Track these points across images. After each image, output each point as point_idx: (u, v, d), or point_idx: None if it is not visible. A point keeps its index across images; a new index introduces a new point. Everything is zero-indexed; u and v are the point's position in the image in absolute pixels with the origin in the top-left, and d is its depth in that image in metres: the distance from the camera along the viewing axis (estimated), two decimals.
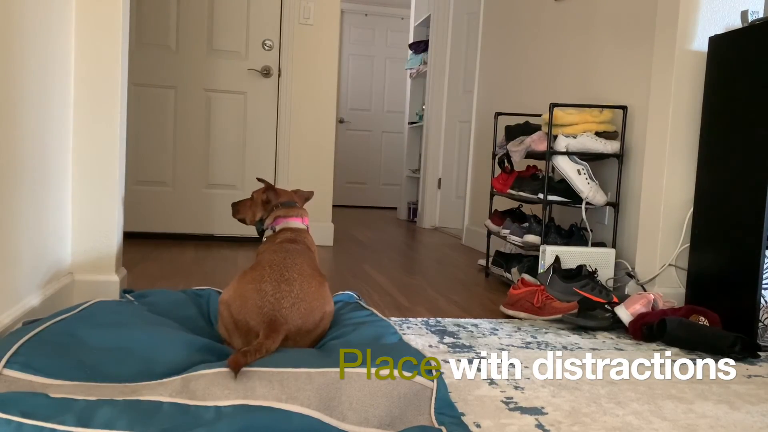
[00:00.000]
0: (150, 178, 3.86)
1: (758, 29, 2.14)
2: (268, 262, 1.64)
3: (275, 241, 1.85)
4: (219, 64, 3.91)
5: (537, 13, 3.64)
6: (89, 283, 2.12)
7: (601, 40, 2.98)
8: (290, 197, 2.08)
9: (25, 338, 1.31)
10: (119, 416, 1.11)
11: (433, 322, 2.19)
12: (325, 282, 1.69)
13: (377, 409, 1.23)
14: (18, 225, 1.65)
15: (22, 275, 1.70)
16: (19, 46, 1.60)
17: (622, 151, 2.68)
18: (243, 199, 2.17)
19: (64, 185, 2.04)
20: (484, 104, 4.36)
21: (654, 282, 2.46)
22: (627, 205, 2.73)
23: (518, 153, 2.79)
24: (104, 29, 2.08)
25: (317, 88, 3.99)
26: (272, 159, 3.98)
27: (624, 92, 2.78)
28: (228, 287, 1.63)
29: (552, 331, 2.16)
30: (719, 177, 2.28)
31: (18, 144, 1.63)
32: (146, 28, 3.82)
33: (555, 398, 1.51)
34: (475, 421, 1.35)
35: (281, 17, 3.93)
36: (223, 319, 1.59)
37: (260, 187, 2.10)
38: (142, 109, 3.81)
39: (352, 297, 2.05)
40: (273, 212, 2.01)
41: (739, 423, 1.42)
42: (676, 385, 1.66)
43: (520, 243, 2.81)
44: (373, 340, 1.59)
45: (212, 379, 1.23)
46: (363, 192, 7.41)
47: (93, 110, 2.10)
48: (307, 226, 2.02)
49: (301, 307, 1.54)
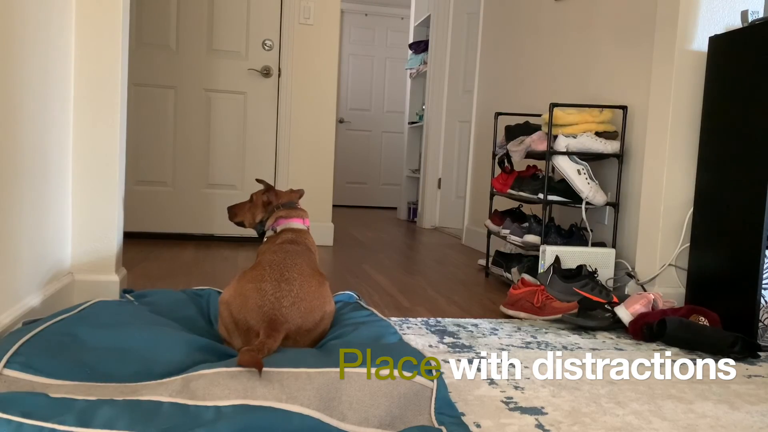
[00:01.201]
0: (150, 178, 3.86)
1: (758, 29, 2.14)
2: (268, 262, 1.64)
3: (276, 242, 1.85)
4: (219, 64, 3.91)
5: (537, 13, 3.63)
6: (89, 283, 2.12)
7: (601, 40, 2.98)
8: (290, 198, 2.08)
9: (25, 338, 1.31)
10: (119, 416, 1.11)
11: (433, 322, 2.19)
12: (326, 282, 1.69)
13: (377, 409, 1.23)
14: (18, 225, 1.65)
15: (23, 275, 1.70)
16: (19, 47, 1.60)
17: (622, 151, 2.68)
18: (240, 203, 2.16)
19: (64, 185, 2.04)
20: (484, 104, 4.36)
21: (654, 282, 2.46)
22: (627, 205, 2.73)
23: (518, 153, 2.79)
24: (104, 29, 2.09)
25: (317, 88, 3.99)
26: (272, 159, 3.99)
27: (624, 92, 2.78)
28: (228, 287, 1.63)
29: (552, 331, 2.16)
30: (719, 177, 2.28)
31: (18, 144, 1.63)
32: (146, 28, 3.82)
33: (555, 398, 1.51)
34: (475, 421, 1.35)
35: (281, 17, 3.93)
36: (223, 318, 1.59)
37: (258, 190, 2.10)
38: (142, 109, 3.81)
39: (352, 297, 2.06)
40: (274, 213, 2.01)
41: (739, 423, 1.42)
42: (676, 385, 1.66)
43: (520, 243, 2.81)
44: (373, 340, 1.59)
45: (212, 379, 1.23)
46: (363, 192, 7.41)
47: (93, 110, 2.10)
48: (308, 227, 2.02)
49: (301, 306, 1.54)
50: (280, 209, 2.02)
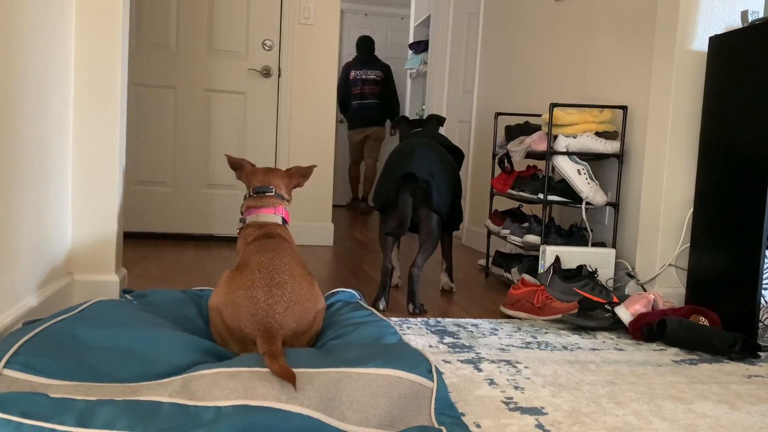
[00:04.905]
0: (150, 178, 3.86)
1: (758, 29, 2.14)
2: (257, 265, 1.58)
3: (249, 240, 1.73)
4: (219, 64, 3.91)
5: (537, 13, 3.64)
6: (89, 283, 2.12)
7: (601, 40, 2.98)
8: (266, 181, 1.85)
9: (25, 338, 1.31)
10: (119, 416, 1.11)
11: (433, 322, 2.19)
12: (314, 280, 1.65)
13: (377, 409, 1.23)
14: (18, 225, 1.65)
15: (22, 275, 1.71)
16: (19, 46, 1.60)
17: (622, 151, 2.68)
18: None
19: (64, 185, 2.04)
20: (484, 104, 4.36)
21: (654, 282, 2.46)
22: (627, 205, 2.73)
23: (518, 153, 2.79)
24: (104, 29, 2.09)
25: (317, 88, 3.99)
26: (272, 159, 3.98)
27: (624, 92, 2.78)
28: (217, 290, 1.58)
29: (552, 331, 2.16)
30: (719, 177, 2.28)
31: (18, 144, 1.63)
32: (146, 28, 3.82)
33: (555, 398, 1.51)
34: (475, 421, 1.35)
35: (281, 17, 3.93)
36: (216, 326, 1.55)
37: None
38: (142, 109, 3.81)
39: (353, 296, 2.03)
40: (245, 200, 1.85)
41: (739, 423, 1.42)
42: (676, 385, 1.66)
43: (520, 243, 2.82)
44: (373, 340, 1.59)
45: (212, 380, 1.23)
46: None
47: (93, 110, 2.10)
48: (284, 217, 1.84)
49: (294, 310, 1.52)
50: (250, 196, 1.84)
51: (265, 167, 1.95)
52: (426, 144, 2.50)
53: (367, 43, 6.60)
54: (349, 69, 6.59)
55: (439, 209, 2.39)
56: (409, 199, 2.37)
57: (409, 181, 2.37)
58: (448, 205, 2.45)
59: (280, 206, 1.85)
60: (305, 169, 1.97)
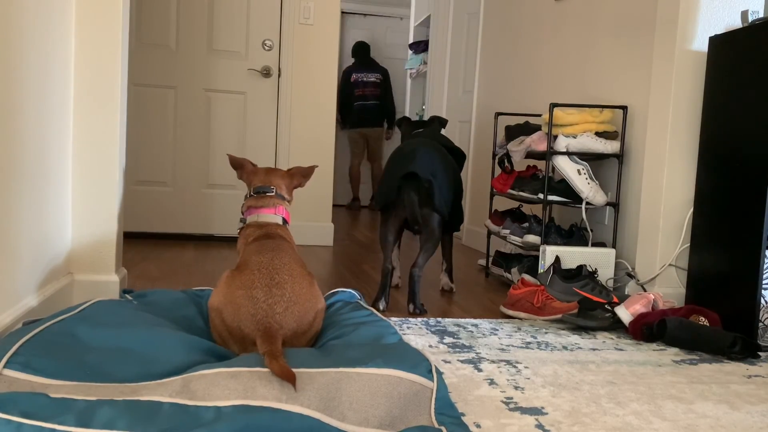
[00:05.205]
0: (150, 178, 3.86)
1: (758, 29, 2.14)
2: (256, 265, 1.57)
3: (249, 240, 1.73)
4: (219, 64, 3.91)
5: (537, 13, 3.64)
6: (89, 283, 2.12)
7: (601, 40, 2.98)
8: (267, 181, 1.85)
9: (25, 338, 1.31)
10: (119, 416, 1.11)
11: (433, 322, 2.19)
12: (314, 280, 1.65)
13: (377, 409, 1.23)
14: (18, 225, 1.65)
15: (22, 275, 1.71)
16: (18, 46, 1.60)
17: (622, 151, 2.68)
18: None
19: (63, 185, 2.04)
20: (484, 104, 4.37)
21: (654, 282, 2.46)
22: (627, 205, 2.73)
23: (518, 153, 2.79)
24: (104, 29, 2.09)
25: (317, 88, 3.99)
26: (272, 159, 3.98)
27: (624, 92, 2.78)
28: (216, 290, 1.58)
29: (552, 331, 2.16)
30: (719, 177, 2.28)
31: (18, 144, 1.63)
32: (146, 28, 3.82)
33: (555, 398, 1.51)
34: (475, 421, 1.35)
35: (281, 17, 3.93)
36: (216, 326, 1.55)
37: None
38: (142, 109, 3.81)
39: (354, 296, 2.03)
40: (245, 200, 1.86)
41: (739, 423, 1.42)
42: (676, 385, 1.66)
43: (520, 243, 2.82)
44: (373, 340, 1.59)
45: (212, 380, 1.23)
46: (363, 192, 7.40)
47: (93, 110, 2.10)
48: (285, 217, 1.83)
49: (294, 310, 1.52)
50: (251, 195, 1.85)
51: (266, 167, 1.95)
52: (428, 144, 2.50)
53: (364, 48, 6.95)
54: (350, 72, 6.86)
55: (441, 209, 2.39)
56: (415, 196, 2.38)
57: (411, 181, 2.38)
58: (449, 205, 2.46)
59: (280, 206, 1.85)
60: (306, 169, 1.97)
